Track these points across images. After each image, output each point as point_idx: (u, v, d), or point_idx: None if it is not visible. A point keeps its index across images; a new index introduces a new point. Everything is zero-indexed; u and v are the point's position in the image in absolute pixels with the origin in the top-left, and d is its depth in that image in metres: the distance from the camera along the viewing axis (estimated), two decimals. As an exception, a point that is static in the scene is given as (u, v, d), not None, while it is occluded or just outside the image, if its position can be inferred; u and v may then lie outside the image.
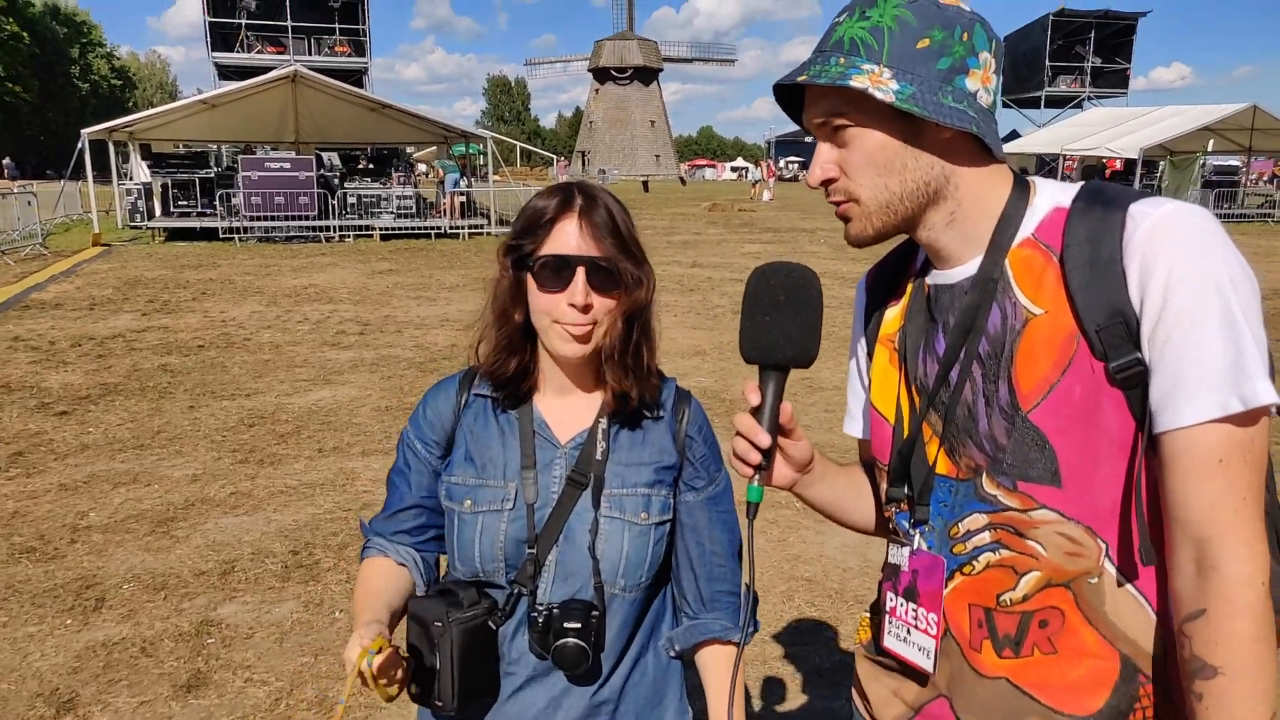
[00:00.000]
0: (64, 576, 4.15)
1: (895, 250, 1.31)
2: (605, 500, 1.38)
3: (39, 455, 5.80)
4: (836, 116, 1.11)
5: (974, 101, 1.09)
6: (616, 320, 1.34)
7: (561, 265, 1.30)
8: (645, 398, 1.41)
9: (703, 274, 15.01)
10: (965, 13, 1.09)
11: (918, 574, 1.22)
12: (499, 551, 1.37)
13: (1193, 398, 0.97)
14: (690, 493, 1.45)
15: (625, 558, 1.37)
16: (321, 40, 36.89)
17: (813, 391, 7.42)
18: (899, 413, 1.24)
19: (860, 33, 1.09)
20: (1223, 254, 1.00)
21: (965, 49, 1.08)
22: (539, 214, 1.34)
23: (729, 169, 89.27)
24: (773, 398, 1.16)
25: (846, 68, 1.08)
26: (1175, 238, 1.00)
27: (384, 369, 8.23)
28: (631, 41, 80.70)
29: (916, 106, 1.05)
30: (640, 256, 1.36)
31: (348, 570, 4.25)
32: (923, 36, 1.07)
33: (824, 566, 4.35)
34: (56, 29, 76.13)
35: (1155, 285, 0.99)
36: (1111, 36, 46.69)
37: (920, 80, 1.07)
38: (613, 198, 1.37)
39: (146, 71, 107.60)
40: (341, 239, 20.66)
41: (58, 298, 12.06)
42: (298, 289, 13.14)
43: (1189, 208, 1.02)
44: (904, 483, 1.24)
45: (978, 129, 1.07)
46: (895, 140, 1.10)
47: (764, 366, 1.16)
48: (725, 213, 32.02)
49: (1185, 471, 0.99)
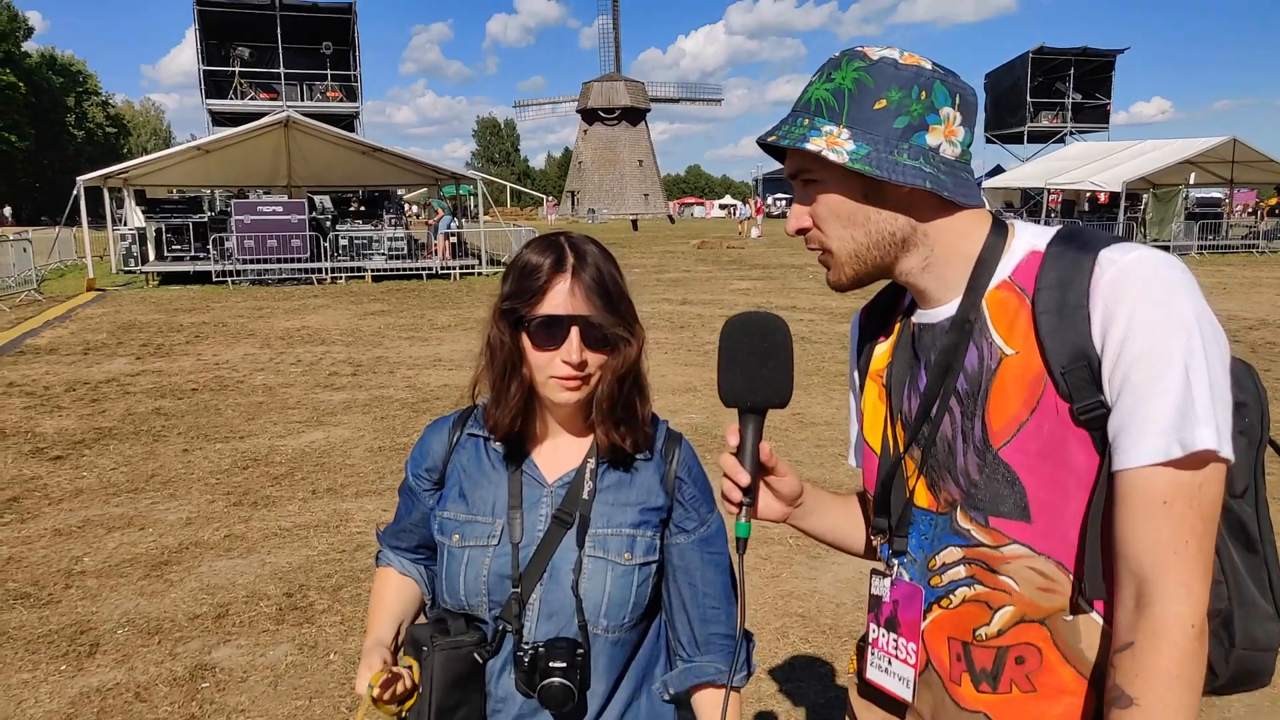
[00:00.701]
0: (58, 622, 4.15)
1: (887, 288, 1.36)
2: (590, 539, 1.41)
3: (33, 500, 5.80)
4: (804, 173, 1.19)
5: (935, 156, 1.14)
6: (608, 375, 1.38)
7: (556, 325, 1.33)
8: (637, 444, 1.44)
9: (692, 311, 15.11)
10: (925, 71, 1.14)
11: (898, 604, 1.26)
12: (482, 586, 1.40)
13: (1139, 440, 1.01)
14: (681, 535, 1.47)
15: (608, 597, 1.39)
16: (314, 86, 37.22)
17: (803, 427, 7.47)
18: (884, 445, 1.29)
19: (824, 94, 1.16)
20: (1184, 301, 1.02)
21: (923, 107, 1.13)
22: (532, 274, 1.36)
23: (717, 207, 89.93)
24: (752, 437, 1.24)
25: (808, 129, 1.15)
26: (1138, 284, 1.03)
27: (377, 410, 8.26)
28: (619, 83, 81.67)
29: (869, 166, 1.11)
30: (630, 315, 1.40)
31: (342, 612, 4.26)
32: (879, 98, 1.13)
33: (817, 602, 4.37)
34: (53, 78, 76.82)
35: (1116, 329, 1.03)
36: (1091, 73, 47.39)
37: (877, 139, 1.12)
38: (600, 251, 1.40)
39: (141, 118, 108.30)
40: (334, 281, 20.74)
41: (52, 343, 12.08)
42: (290, 331, 13.19)
43: (1156, 255, 1.05)
44: (885, 514, 1.28)
45: (932, 184, 1.11)
46: (855, 196, 1.16)
47: (742, 410, 1.25)
48: (714, 250, 32.23)
49: (1131, 510, 1.02)
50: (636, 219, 58.55)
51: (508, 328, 1.38)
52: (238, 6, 34.81)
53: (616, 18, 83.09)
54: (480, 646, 1.40)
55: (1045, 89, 46.78)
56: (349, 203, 25.58)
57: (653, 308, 15.34)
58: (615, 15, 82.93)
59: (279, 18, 34.68)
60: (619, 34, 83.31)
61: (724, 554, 1.50)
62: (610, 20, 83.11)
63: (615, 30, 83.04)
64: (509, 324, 1.38)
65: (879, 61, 1.14)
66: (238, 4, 34.78)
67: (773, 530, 4.97)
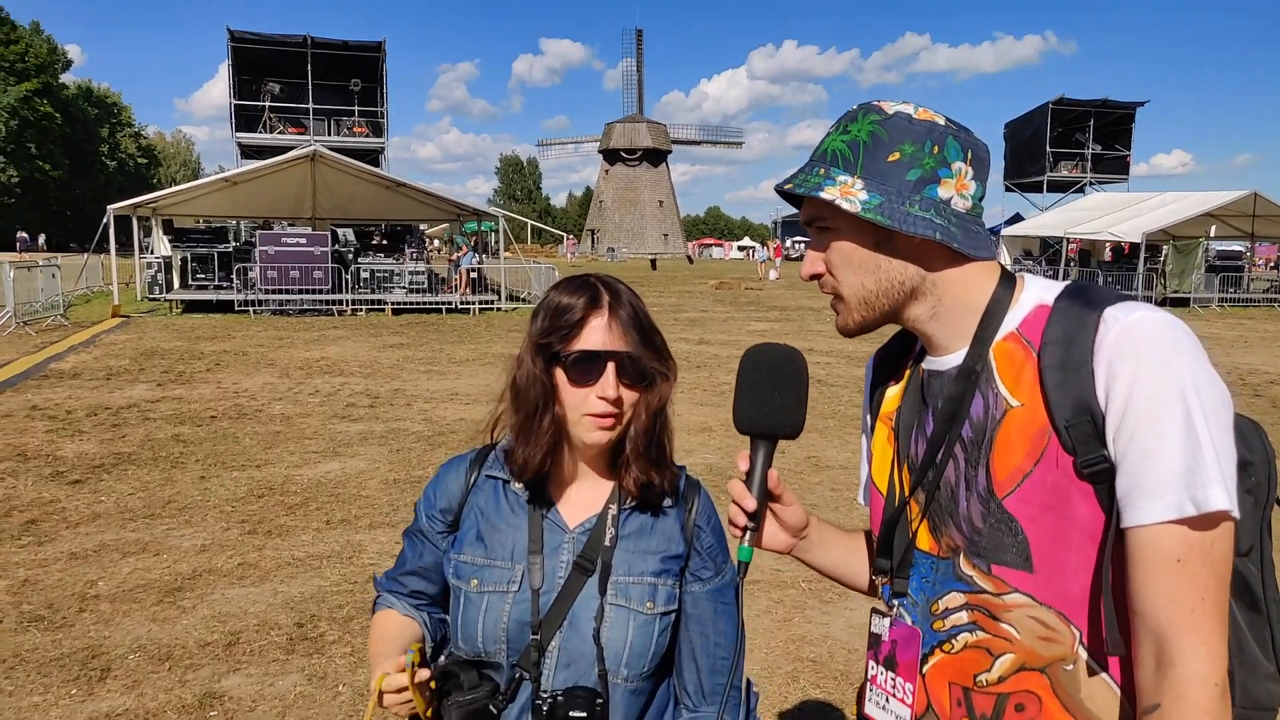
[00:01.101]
0: (71, 646, 4.17)
1: (900, 333, 1.38)
2: (612, 587, 1.39)
3: (51, 524, 5.85)
4: (818, 220, 1.23)
5: (946, 208, 1.17)
6: (642, 412, 1.38)
7: (593, 361, 1.33)
8: (665, 486, 1.44)
9: (710, 351, 15.14)
10: (938, 126, 1.17)
11: (896, 644, 1.28)
12: (501, 633, 1.38)
13: (1151, 498, 1.02)
14: (696, 583, 1.46)
15: (629, 646, 1.38)
16: (341, 121, 37.97)
17: (818, 470, 7.44)
18: (891, 487, 1.31)
19: (840, 145, 1.20)
20: (1187, 361, 1.03)
21: (935, 161, 1.16)
22: (567, 311, 1.35)
23: (736, 248, 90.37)
24: (761, 464, 1.28)
25: (824, 178, 1.19)
26: (1142, 344, 1.04)
27: (393, 442, 8.30)
28: (641, 124, 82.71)
29: (881, 216, 1.14)
30: (664, 351, 1.42)
31: (352, 644, 4.26)
32: (893, 150, 1.16)
33: (829, 647, 4.33)
34: (88, 109, 78.45)
35: (1119, 388, 1.04)
36: (1111, 125, 47.59)
37: (889, 190, 1.16)
38: (628, 289, 1.43)
39: (172, 150, 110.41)
40: (354, 312, 20.95)
41: (76, 368, 12.23)
42: (310, 361, 13.30)
43: (1160, 315, 1.06)
44: (888, 555, 1.30)
45: (942, 236, 1.14)
46: (867, 244, 1.19)
47: (754, 436, 1.29)
48: (732, 291, 32.35)
49: (1145, 568, 1.03)
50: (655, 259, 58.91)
51: (542, 364, 1.36)
52: (270, 43, 35.69)
53: (640, 60, 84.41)
54: (494, 697, 1.38)
55: (1065, 139, 47.00)
56: (371, 236, 25.92)
57: (670, 347, 15.33)
58: (639, 58, 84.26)
59: (310, 55, 35.46)
60: (642, 76, 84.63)
61: (735, 605, 1.48)
62: (634, 63, 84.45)
63: (639, 72, 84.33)
64: (544, 360, 1.36)
65: (894, 116, 1.18)
66: (270, 41, 35.67)
67: (786, 574, 4.94)
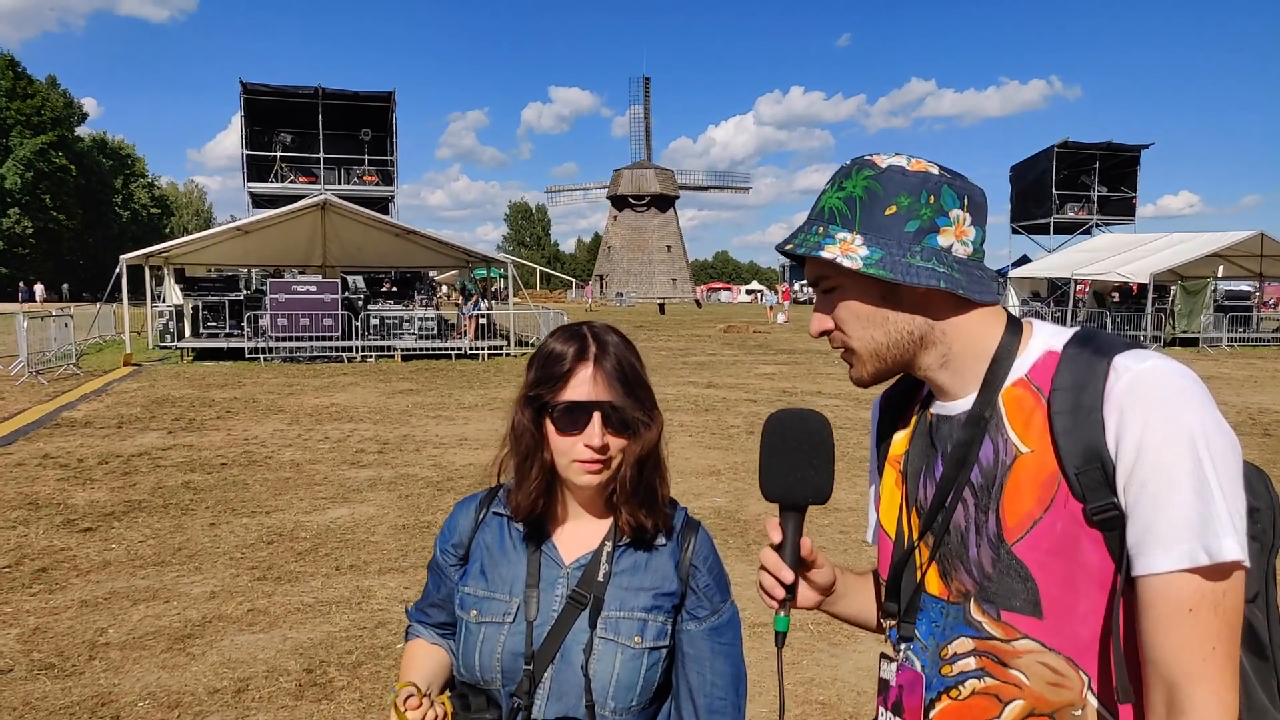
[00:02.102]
0: (80, 694, 4.17)
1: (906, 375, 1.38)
2: (602, 622, 1.44)
3: (62, 571, 5.87)
4: (824, 280, 1.25)
5: (947, 256, 1.18)
6: (629, 458, 1.43)
7: (579, 411, 1.39)
8: (656, 526, 1.48)
9: (718, 394, 15.15)
10: (932, 176, 1.19)
11: (903, 689, 1.28)
12: (496, 663, 1.44)
13: (1163, 547, 1.03)
14: (692, 622, 1.49)
15: (615, 679, 1.41)
16: (351, 170, 38.47)
17: (827, 513, 7.42)
18: (899, 531, 1.32)
19: (837, 203, 1.22)
20: (1197, 410, 1.04)
21: (933, 210, 1.18)
22: (556, 362, 1.42)
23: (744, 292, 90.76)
24: (793, 533, 1.28)
25: (823, 237, 1.20)
26: (1152, 393, 1.05)
27: (402, 488, 8.32)
28: (649, 170, 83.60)
29: (884, 270, 1.15)
30: (649, 401, 1.46)
31: (360, 689, 4.25)
32: (890, 204, 1.18)
33: (838, 690, 4.31)
34: (102, 161, 79.74)
35: (1130, 437, 1.05)
36: (1116, 167, 47.87)
37: (889, 243, 1.17)
38: (621, 339, 1.47)
39: (184, 199, 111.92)
40: (364, 359, 21.07)
41: (88, 416, 12.32)
42: (319, 408, 13.36)
43: (1170, 365, 1.07)
44: (896, 598, 1.31)
45: (946, 284, 1.16)
46: (873, 299, 1.21)
47: (784, 506, 1.29)
48: (740, 334, 32.43)
49: (1157, 616, 1.03)
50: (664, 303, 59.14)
51: (531, 414, 1.44)
52: (282, 94, 36.31)
53: (648, 107, 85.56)
54: None
55: (1070, 182, 47.25)
56: (381, 283, 26.14)
57: (678, 390, 15.41)
58: (647, 105, 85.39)
59: (321, 105, 36.05)
60: (650, 123, 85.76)
61: (734, 644, 1.52)
62: (642, 110, 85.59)
63: (646, 119, 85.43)
64: (533, 410, 1.44)
65: (887, 170, 1.19)
66: (282, 92, 36.29)
67: (794, 616, 4.92)
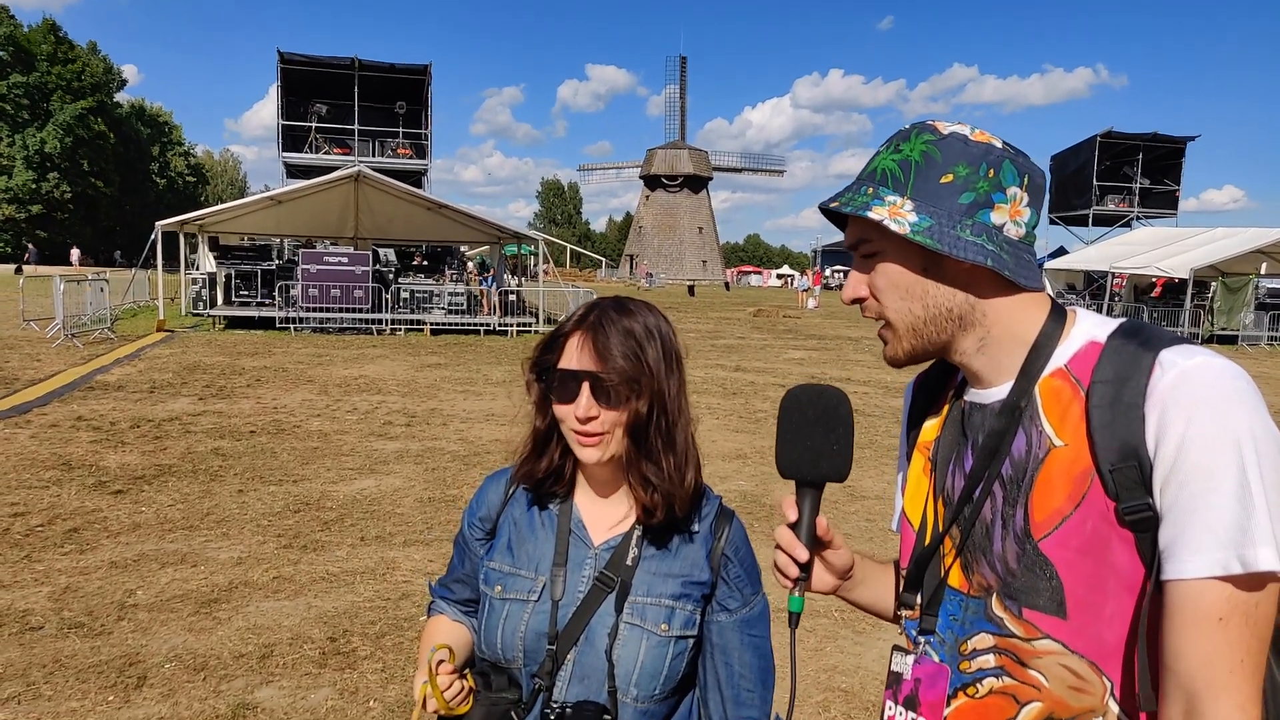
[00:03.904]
0: (109, 653, 4.22)
1: (940, 361, 1.33)
2: (629, 606, 1.40)
3: (93, 532, 5.95)
4: (864, 242, 1.18)
5: (998, 235, 1.12)
6: (622, 433, 1.38)
7: (568, 379, 1.37)
8: (675, 512, 1.42)
9: (746, 378, 15.09)
10: (995, 149, 1.13)
11: (920, 682, 1.22)
12: (519, 641, 1.41)
13: (1196, 552, 0.97)
14: (723, 613, 1.45)
15: (640, 666, 1.38)
16: (385, 143, 38.57)
17: (854, 500, 7.37)
18: (924, 521, 1.27)
19: (890, 165, 1.16)
20: (1246, 413, 0.98)
21: (990, 185, 1.12)
22: (559, 328, 1.42)
23: (774, 276, 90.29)
24: (809, 512, 1.23)
25: (872, 198, 1.15)
26: (1199, 391, 0.99)
27: (428, 461, 8.36)
28: (683, 151, 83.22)
29: (931, 239, 1.10)
30: (646, 373, 1.37)
31: (384, 659, 4.27)
32: (946, 172, 1.12)
33: (861, 678, 4.27)
34: (140, 129, 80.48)
35: (1171, 436, 0.99)
36: (1160, 159, 47.00)
37: (940, 213, 1.11)
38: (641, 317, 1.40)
39: (219, 168, 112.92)
40: (393, 332, 21.19)
41: (121, 380, 12.48)
42: (348, 379, 13.46)
43: (1219, 362, 1.01)
44: (917, 590, 1.25)
45: (993, 263, 1.10)
46: (915, 268, 1.15)
47: (800, 483, 1.24)
48: (770, 319, 32.27)
49: (1184, 624, 0.98)
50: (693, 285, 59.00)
51: (535, 379, 1.44)
52: (319, 65, 36.43)
53: (684, 87, 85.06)
54: (517, 705, 1.41)
55: (1112, 173, 46.47)
56: (412, 256, 26.23)
57: (706, 373, 15.37)
58: (683, 85, 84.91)
59: (357, 77, 36.14)
60: (685, 103, 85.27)
61: (764, 637, 1.49)
62: (678, 89, 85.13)
63: (682, 99, 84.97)
64: (535, 374, 1.44)
65: (949, 136, 1.13)
66: (319, 63, 36.41)
67: (817, 604, 4.89)
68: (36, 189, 63.59)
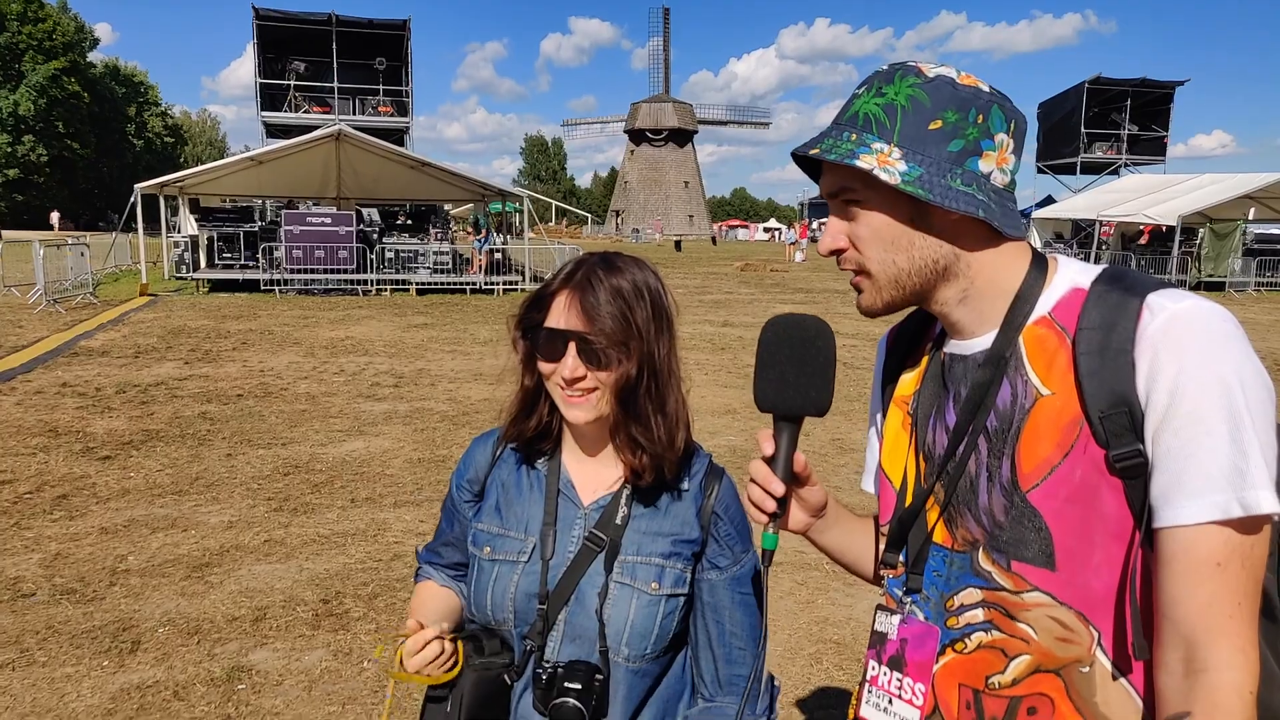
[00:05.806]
0: (102, 619, 4.23)
1: (916, 312, 1.30)
2: (619, 565, 1.39)
3: (82, 499, 5.93)
4: (846, 191, 1.13)
5: (986, 183, 1.09)
6: (609, 393, 1.35)
7: (555, 338, 1.34)
8: (664, 474, 1.40)
9: (734, 333, 15.08)
10: (983, 94, 1.09)
11: (906, 643, 1.21)
12: (509, 602, 1.40)
13: (1193, 497, 0.96)
14: (713, 571, 1.44)
15: (630, 625, 1.37)
16: (366, 100, 37.91)
17: (843, 452, 7.40)
18: (905, 478, 1.24)
19: (875, 109, 1.10)
20: (1236, 357, 0.98)
21: (979, 131, 1.08)
22: (546, 286, 1.39)
23: (761, 230, 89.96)
24: (787, 446, 1.18)
25: (857, 145, 1.09)
26: (1189, 335, 0.98)
27: (417, 421, 8.34)
28: (668, 104, 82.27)
29: (922, 189, 1.06)
30: (634, 334, 1.33)
31: (377, 620, 4.29)
32: (935, 118, 1.08)
33: (853, 629, 4.32)
34: (115, 88, 78.90)
35: (1163, 381, 0.98)
36: (1148, 105, 46.65)
37: (929, 162, 1.07)
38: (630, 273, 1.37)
39: (198, 129, 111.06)
40: (379, 292, 21.05)
41: (105, 345, 12.38)
42: (335, 341, 13.38)
43: (1208, 305, 1.00)
44: (900, 548, 1.23)
45: (984, 213, 1.07)
46: (902, 219, 1.11)
47: (777, 416, 1.19)
48: (757, 273, 32.21)
49: (1181, 571, 0.97)
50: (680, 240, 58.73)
51: (521, 334, 1.41)
52: (296, 21, 35.64)
53: (667, 39, 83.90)
54: (510, 668, 1.41)
55: (1100, 120, 46.13)
56: (396, 216, 25.96)
57: (694, 329, 15.35)
58: (666, 37, 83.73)
59: (335, 33, 35.43)
60: (669, 56, 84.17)
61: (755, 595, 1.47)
62: (661, 42, 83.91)
63: (665, 52, 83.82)
64: (522, 331, 1.41)
65: (936, 80, 1.09)
66: (296, 19, 35.62)
67: (809, 556, 4.92)
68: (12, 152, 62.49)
